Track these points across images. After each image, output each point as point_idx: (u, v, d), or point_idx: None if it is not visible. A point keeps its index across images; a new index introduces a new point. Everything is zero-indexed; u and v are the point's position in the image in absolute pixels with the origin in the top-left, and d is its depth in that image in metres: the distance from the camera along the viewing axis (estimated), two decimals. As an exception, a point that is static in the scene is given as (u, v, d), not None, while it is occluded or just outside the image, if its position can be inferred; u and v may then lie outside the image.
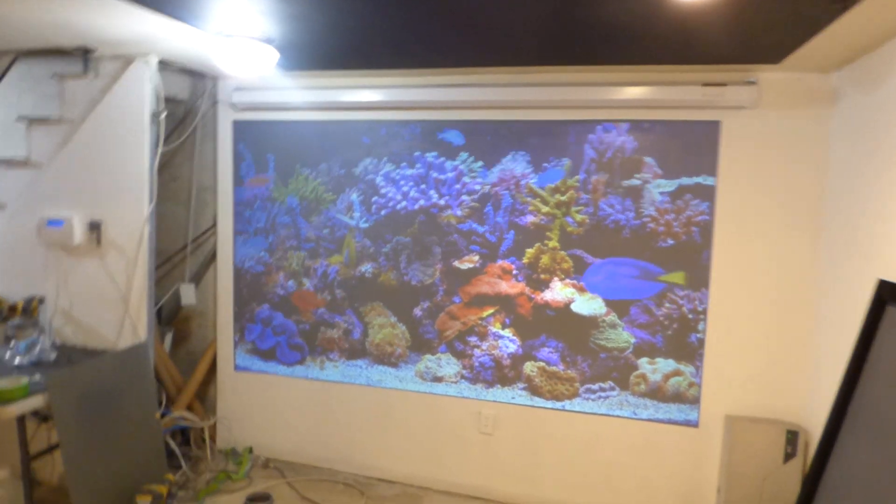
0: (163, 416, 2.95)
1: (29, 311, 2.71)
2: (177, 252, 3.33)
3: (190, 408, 3.28)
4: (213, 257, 3.34)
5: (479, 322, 2.91)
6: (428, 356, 3.00)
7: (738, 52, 2.31)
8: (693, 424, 2.67)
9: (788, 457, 2.47)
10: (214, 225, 3.30)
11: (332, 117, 3.01)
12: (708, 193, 2.57)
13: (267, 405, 3.27)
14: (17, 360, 2.48)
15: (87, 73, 2.64)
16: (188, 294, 3.24)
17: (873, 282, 2.02)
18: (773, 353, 2.55)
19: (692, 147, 2.57)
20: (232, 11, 1.97)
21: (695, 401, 2.66)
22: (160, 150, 2.70)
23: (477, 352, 2.92)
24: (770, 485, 2.50)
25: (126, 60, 2.63)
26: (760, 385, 2.58)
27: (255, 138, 3.14)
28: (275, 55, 2.31)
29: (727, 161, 2.54)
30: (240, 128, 3.15)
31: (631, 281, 2.70)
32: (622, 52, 2.37)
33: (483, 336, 2.91)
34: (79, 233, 2.73)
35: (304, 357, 3.19)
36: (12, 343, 2.56)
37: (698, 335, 2.63)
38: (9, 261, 2.85)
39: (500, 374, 2.90)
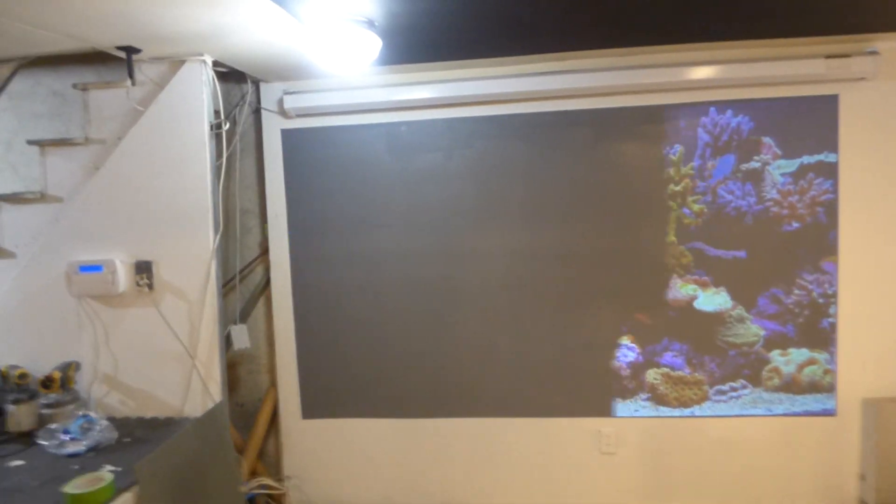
0: (238, 486, 2.46)
1: (65, 382, 2.17)
2: (217, 289, 2.82)
3: (254, 471, 2.79)
4: (262, 291, 2.87)
5: (592, 332, 2.64)
6: (535, 376, 2.70)
7: (861, 20, 2.20)
8: (831, 413, 2.55)
9: (940, 435, 2.39)
10: (263, 253, 2.83)
11: (403, 118, 2.65)
12: (831, 171, 2.46)
13: (345, 453, 2.83)
14: (69, 449, 1.94)
15: (123, 81, 2.13)
16: (240, 337, 2.75)
17: None
18: (910, 329, 2.47)
19: (811, 123, 2.45)
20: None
21: (830, 388, 2.54)
22: (223, 169, 2.24)
23: (591, 364, 2.66)
24: (923, 466, 2.41)
25: (173, 63, 2.15)
26: (898, 364, 2.49)
27: (310, 148, 2.71)
28: (377, 44, 1.94)
29: (848, 135, 2.44)
30: (291, 137, 2.72)
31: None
32: (734, 27, 2.21)
33: (597, 346, 2.64)
34: (123, 277, 2.21)
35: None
36: (55, 426, 2.02)
37: (830, 319, 2.51)
38: (24, 321, 2.27)
39: (620, 386, 2.65)
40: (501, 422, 2.72)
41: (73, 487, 1.58)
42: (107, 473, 1.66)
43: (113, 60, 2.19)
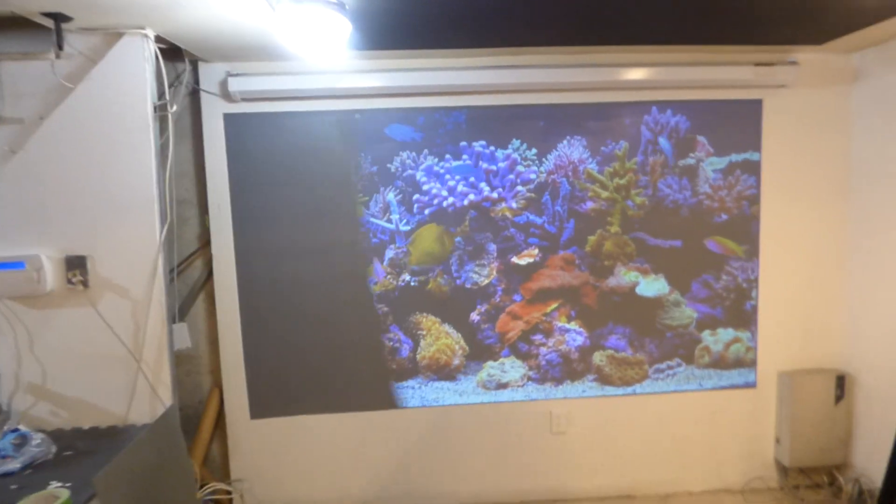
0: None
1: (-16, 394, 1.91)
2: (152, 285, 2.60)
3: (199, 477, 2.62)
4: (202, 287, 2.69)
5: (544, 318, 2.75)
6: (490, 363, 2.76)
7: (783, 34, 2.44)
8: (751, 386, 2.84)
9: (838, 399, 2.74)
10: (204, 246, 2.65)
11: (358, 106, 2.57)
12: (755, 168, 2.71)
13: (298, 451, 2.74)
14: (2, 467, 1.72)
15: (46, 53, 1.89)
16: (181, 336, 2.54)
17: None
18: (815, 308, 2.80)
19: (738, 125, 2.68)
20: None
21: (752, 364, 2.83)
22: (171, 154, 2.06)
23: (543, 350, 2.76)
24: (825, 426, 2.75)
25: (108, 35, 1.93)
26: (806, 340, 2.82)
27: (255, 135, 2.56)
28: (347, 27, 1.86)
29: (769, 136, 2.70)
30: (234, 122, 2.55)
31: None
32: (675, 32, 2.36)
33: (548, 332, 2.76)
34: (51, 274, 1.97)
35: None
36: (-25, 444, 1.78)
37: (752, 302, 2.79)
38: (-76, 327, 1.97)
39: (569, 368, 2.78)
40: (456, 409, 2.76)
41: (23, 510, 1.41)
42: (62, 490, 1.50)
43: (23, 28, 1.92)
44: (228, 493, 2.69)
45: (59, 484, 1.62)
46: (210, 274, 2.67)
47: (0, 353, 2.00)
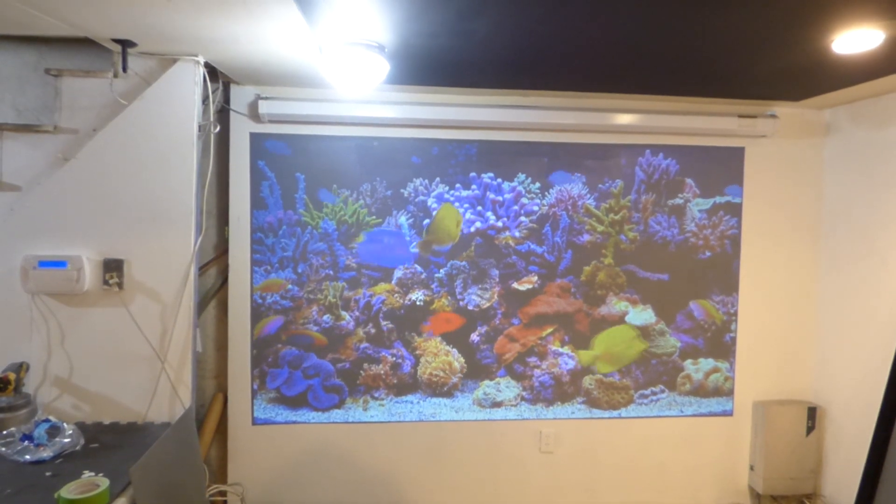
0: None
1: (17, 384, 2.02)
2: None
3: (201, 478, 2.71)
4: (214, 294, 2.82)
5: (539, 342, 2.93)
6: (486, 382, 2.92)
7: (764, 91, 2.72)
8: (728, 414, 3.03)
9: (810, 430, 2.94)
10: (219, 256, 2.80)
11: (377, 133, 2.78)
12: (736, 210, 2.97)
13: (296, 460, 2.85)
14: (32, 455, 1.82)
15: (104, 72, 2.06)
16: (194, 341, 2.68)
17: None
18: (789, 342, 3.03)
19: (723, 169, 2.94)
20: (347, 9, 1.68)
21: (729, 393, 3.03)
22: (210, 171, 2.22)
23: (537, 372, 2.93)
24: (796, 456, 2.94)
25: (163, 60, 2.12)
26: (780, 372, 3.04)
27: (278, 154, 2.74)
28: (385, 67, 2.07)
29: (750, 181, 2.96)
30: (260, 141, 2.73)
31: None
32: (670, 84, 2.60)
33: (543, 355, 2.93)
34: (89, 275, 2.10)
35: (343, 399, 2.86)
36: (9, 431, 1.88)
37: (731, 335, 3.00)
38: (-38, 318, 2.08)
39: (560, 391, 2.95)
40: (451, 424, 2.90)
41: (68, 493, 1.52)
42: (101, 479, 1.61)
43: (85, 47, 2.10)
44: (223, 494, 2.77)
45: (91, 473, 1.73)
46: (224, 282, 2.81)
47: (31, 345, 2.11)
